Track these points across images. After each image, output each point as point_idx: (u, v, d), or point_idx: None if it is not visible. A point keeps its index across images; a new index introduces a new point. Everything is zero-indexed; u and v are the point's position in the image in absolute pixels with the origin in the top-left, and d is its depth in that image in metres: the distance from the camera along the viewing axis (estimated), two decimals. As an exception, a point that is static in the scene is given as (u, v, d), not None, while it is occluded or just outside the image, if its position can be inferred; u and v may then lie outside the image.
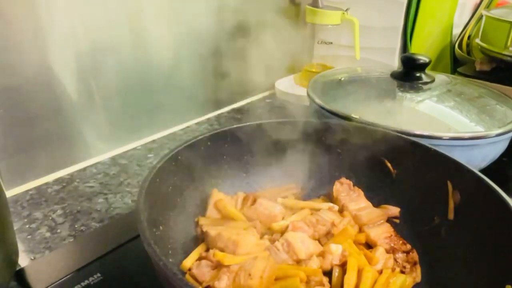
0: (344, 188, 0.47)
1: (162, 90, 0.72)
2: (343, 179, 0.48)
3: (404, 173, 0.46)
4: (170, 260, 0.37)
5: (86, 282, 0.40)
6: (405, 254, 0.41)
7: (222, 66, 0.82)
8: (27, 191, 0.57)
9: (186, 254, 0.39)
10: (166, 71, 0.72)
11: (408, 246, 0.42)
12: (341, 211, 0.46)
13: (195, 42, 0.74)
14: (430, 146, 0.44)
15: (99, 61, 0.61)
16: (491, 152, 0.54)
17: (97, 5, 0.59)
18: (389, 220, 0.45)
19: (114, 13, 0.61)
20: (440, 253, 0.40)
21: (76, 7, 0.57)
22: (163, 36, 0.69)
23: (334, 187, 0.47)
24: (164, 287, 0.30)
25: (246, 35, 0.84)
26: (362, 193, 0.47)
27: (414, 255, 0.41)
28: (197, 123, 0.78)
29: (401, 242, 0.42)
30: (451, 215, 0.40)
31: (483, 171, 0.40)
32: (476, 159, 0.53)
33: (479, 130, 0.53)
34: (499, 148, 0.55)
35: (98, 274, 0.41)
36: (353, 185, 0.48)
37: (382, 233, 0.43)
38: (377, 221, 0.45)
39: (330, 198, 0.48)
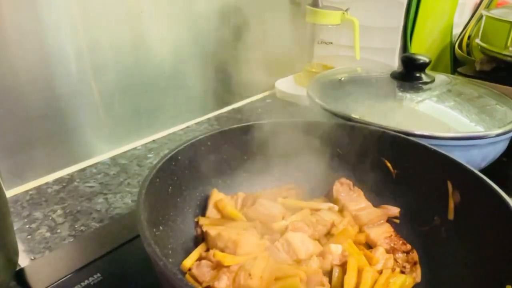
0: (344, 188, 0.47)
1: (162, 90, 0.72)
2: (343, 179, 0.48)
3: (404, 173, 0.46)
4: (170, 260, 0.37)
5: (86, 282, 0.40)
6: (405, 254, 0.41)
7: (222, 66, 0.82)
8: (27, 191, 0.57)
9: (186, 254, 0.39)
10: (166, 71, 0.72)
11: (408, 246, 0.42)
12: (341, 211, 0.45)
13: (195, 42, 0.74)
14: (430, 146, 0.44)
15: (99, 61, 0.61)
16: (491, 152, 0.54)
17: (97, 5, 0.59)
18: (389, 220, 0.45)
19: (114, 13, 0.61)
20: (440, 253, 0.40)
21: (76, 7, 0.57)
22: (164, 36, 0.69)
23: (334, 187, 0.47)
24: (164, 287, 0.30)
25: (246, 35, 0.84)
26: (362, 193, 0.47)
27: (414, 255, 0.41)
28: (197, 123, 0.78)
29: (401, 242, 0.42)
30: (451, 215, 0.40)
31: (483, 171, 0.40)
32: (476, 159, 0.53)
33: (479, 130, 0.53)
34: (499, 148, 0.55)
35: (98, 274, 0.41)
36: (353, 185, 0.48)
37: (382, 233, 0.43)
38: (377, 221, 0.45)
39: (330, 198, 0.48)
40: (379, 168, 0.47)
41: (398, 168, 0.46)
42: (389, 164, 0.47)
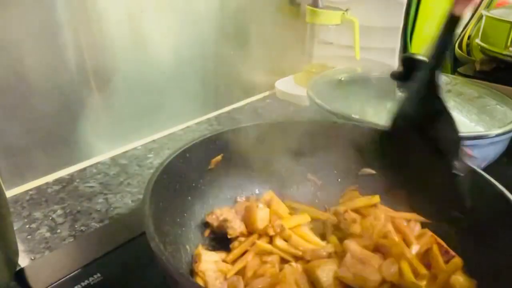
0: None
1: (162, 90, 0.72)
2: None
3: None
4: (176, 256, 0.37)
5: (86, 282, 0.40)
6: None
7: (222, 66, 0.82)
8: (27, 191, 0.57)
9: (192, 251, 0.39)
10: (167, 71, 0.72)
11: (452, 253, 0.39)
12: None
13: (195, 42, 0.74)
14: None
15: (99, 61, 0.61)
16: (491, 152, 0.54)
17: (98, 4, 0.59)
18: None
19: (115, 12, 0.61)
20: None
21: (77, 7, 0.57)
22: (164, 36, 0.69)
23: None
24: (169, 284, 0.30)
25: (246, 36, 0.84)
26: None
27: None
28: (197, 123, 0.78)
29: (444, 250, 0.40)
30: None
31: (483, 171, 0.39)
32: (476, 159, 0.53)
33: (479, 130, 0.53)
34: (499, 148, 0.55)
35: (98, 274, 0.41)
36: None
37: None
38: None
39: None
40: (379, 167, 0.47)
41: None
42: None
